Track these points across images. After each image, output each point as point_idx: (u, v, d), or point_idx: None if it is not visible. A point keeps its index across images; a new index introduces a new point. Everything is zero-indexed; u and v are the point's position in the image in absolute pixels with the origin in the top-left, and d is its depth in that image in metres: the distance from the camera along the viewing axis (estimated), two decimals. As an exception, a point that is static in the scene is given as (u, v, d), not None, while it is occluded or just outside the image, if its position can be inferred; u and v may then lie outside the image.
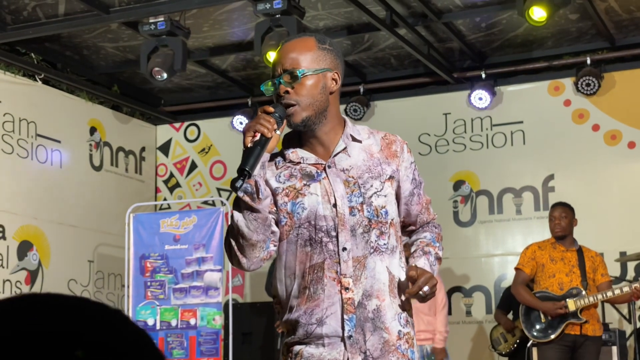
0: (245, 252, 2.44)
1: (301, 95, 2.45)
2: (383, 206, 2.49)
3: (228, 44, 7.95)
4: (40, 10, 7.16)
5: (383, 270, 2.46)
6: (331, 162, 2.50)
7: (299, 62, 2.46)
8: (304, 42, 2.52)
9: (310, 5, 7.01)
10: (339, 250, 2.43)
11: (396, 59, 8.35)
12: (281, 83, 2.46)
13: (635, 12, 7.29)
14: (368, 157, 2.53)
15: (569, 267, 6.20)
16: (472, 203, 8.27)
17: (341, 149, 2.52)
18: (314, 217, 2.46)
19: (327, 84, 2.50)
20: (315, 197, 2.47)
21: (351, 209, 2.46)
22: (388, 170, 2.53)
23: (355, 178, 2.49)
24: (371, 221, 2.47)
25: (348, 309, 2.41)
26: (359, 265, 2.44)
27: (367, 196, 2.48)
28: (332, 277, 2.43)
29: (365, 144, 2.55)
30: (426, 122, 8.49)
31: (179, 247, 7.21)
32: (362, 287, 2.43)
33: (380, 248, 2.47)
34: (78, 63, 8.40)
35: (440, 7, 7.21)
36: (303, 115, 2.45)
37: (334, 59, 2.53)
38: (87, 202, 8.40)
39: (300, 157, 2.52)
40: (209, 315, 7.06)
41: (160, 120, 9.49)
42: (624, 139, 7.77)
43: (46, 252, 7.86)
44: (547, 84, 8.12)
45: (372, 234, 2.46)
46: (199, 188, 9.29)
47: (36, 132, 7.91)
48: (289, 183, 2.50)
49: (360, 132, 2.58)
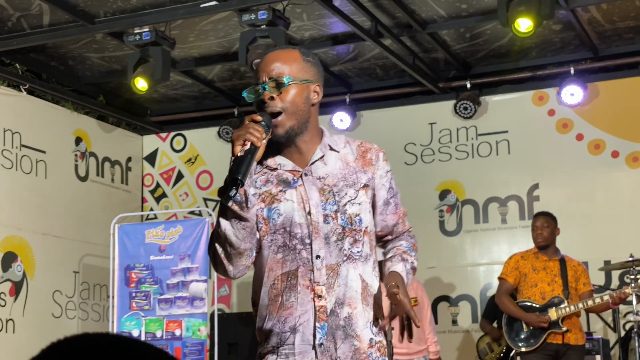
0: (233, 260, 2.44)
1: (286, 102, 2.47)
2: (357, 214, 2.50)
3: (214, 54, 7.96)
4: (25, 21, 7.15)
5: (356, 278, 2.47)
6: (308, 170, 2.52)
7: (284, 71, 2.49)
8: (289, 53, 2.55)
9: (296, 15, 7.03)
10: (312, 258, 2.44)
11: (382, 69, 8.38)
12: (266, 89, 2.48)
13: (618, 22, 7.35)
14: (344, 165, 2.54)
15: (551, 276, 6.24)
16: (457, 212, 8.30)
17: (318, 157, 2.53)
18: (289, 224, 2.46)
19: (310, 95, 2.52)
20: (291, 203, 2.48)
21: (325, 217, 2.47)
22: (363, 179, 2.54)
23: (331, 186, 2.50)
24: (345, 229, 2.48)
25: (320, 317, 2.42)
26: (332, 273, 2.45)
27: (342, 204, 2.48)
28: (305, 285, 2.43)
29: (342, 153, 2.57)
30: (412, 132, 8.51)
31: (164, 257, 7.20)
32: (335, 295, 2.44)
33: (354, 256, 2.48)
34: (63, 73, 8.39)
35: (425, 18, 7.25)
36: (287, 125, 2.47)
37: (316, 72, 2.56)
38: (73, 213, 8.38)
39: (278, 163, 2.53)
40: (194, 326, 7.05)
41: (147, 131, 9.48)
42: (608, 149, 7.82)
43: (31, 263, 7.83)
44: (531, 94, 8.16)
45: (346, 241, 2.47)
46: (185, 198, 9.28)
47: (21, 143, 7.89)
48: (265, 188, 2.51)
49: (337, 141, 2.60)
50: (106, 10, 6.94)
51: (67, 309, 8.19)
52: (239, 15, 6.61)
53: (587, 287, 6.30)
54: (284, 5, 6.69)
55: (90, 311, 8.47)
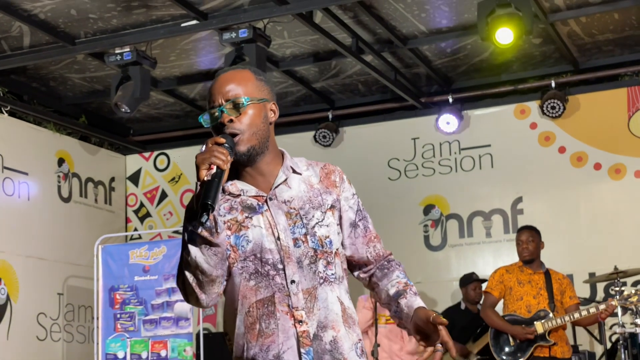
0: (205, 288, 2.38)
1: (245, 123, 2.43)
2: (327, 236, 2.45)
3: (195, 72, 7.96)
4: (5, 43, 7.13)
5: (335, 300, 2.43)
6: (272, 194, 2.46)
7: (240, 92, 2.45)
8: (241, 73, 2.50)
9: (276, 33, 7.04)
10: (287, 283, 2.39)
11: (364, 85, 8.40)
12: (224, 112, 2.43)
13: (597, 35, 7.40)
14: (308, 188, 2.50)
15: (536, 289, 6.24)
16: (442, 227, 8.30)
17: (281, 181, 2.48)
18: (259, 250, 2.41)
19: (268, 114, 2.49)
20: (259, 229, 2.43)
21: (295, 240, 2.42)
22: (329, 200, 2.50)
23: (297, 209, 2.45)
24: (317, 251, 2.43)
25: (304, 342, 2.37)
26: (310, 297, 2.40)
27: (310, 227, 2.44)
28: (284, 311, 2.38)
29: (305, 176, 2.52)
30: (395, 147, 8.52)
31: (148, 277, 7.16)
32: (316, 319, 2.39)
33: (329, 278, 2.44)
34: (45, 94, 8.36)
35: (406, 34, 7.27)
36: (248, 144, 2.43)
37: (270, 90, 2.53)
38: (56, 234, 8.33)
39: (240, 189, 2.47)
40: (179, 347, 7.00)
41: (130, 150, 9.46)
42: (590, 161, 7.85)
43: (14, 286, 7.77)
44: (513, 107, 8.20)
45: (319, 264, 2.43)
46: (169, 217, 9.25)
47: (3, 165, 7.85)
48: (230, 216, 2.44)
49: (299, 164, 2.55)
50: (87, 30, 6.93)
51: (52, 331, 8.13)
52: (219, 34, 6.61)
53: (574, 300, 6.31)
54: (265, 23, 6.70)
55: (75, 333, 8.41)
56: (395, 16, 6.90)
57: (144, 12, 6.62)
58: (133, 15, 6.68)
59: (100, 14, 6.64)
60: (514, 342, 6.24)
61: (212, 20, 6.60)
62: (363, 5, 6.61)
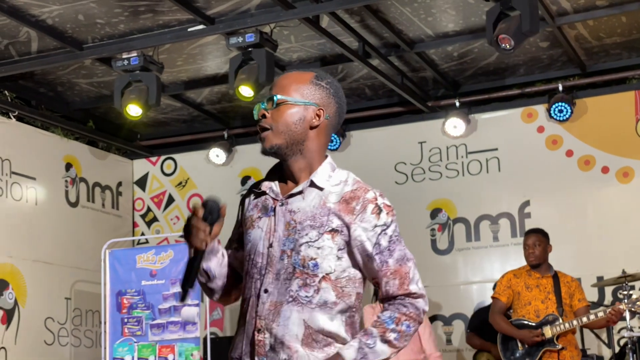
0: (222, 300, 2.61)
1: (275, 121, 2.43)
2: (313, 258, 2.36)
3: (202, 77, 7.97)
4: (13, 48, 7.15)
5: (298, 323, 2.34)
6: (285, 201, 2.46)
7: (283, 90, 2.46)
8: (300, 74, 2.51)
9: (283, 37, 7.05)
10: (260, 290, 2.40)
11: (370, 89, 8.40)
12: (262, 107, 2.47)
13: (605, 38, 7.38)
14: (320, 204, 2.41)
15: (544, 294, 6.21)
16: (449, 231, 8.29)
17: (297, 191, 2.45)
18: (253, 252, 2.46)
19: (307, 117, 2.44)
20: (259, 231, 2.46)
21: (282, 252, 2.40)
22: (334, 223, 2.38)
23: (296, 223, 2.40)
24: (295, 269, 2.37)
25: (259, 351, 2.37)
26: (274, 310, 2.37)
27: (298, 244, 2.38)
28: (252, 316, 2.41)
29: (326, 192, 2.43)
30: (402, 151, 8.52)
31: (155, 282, 7.17)
32: (274, 333, 2.36)
33: (301, 299, 2.35)
34: (52, 99, 8.38)
35: (412, 37, 7.27)
36: (273, 141, 2.43)
37: (325, 96, 2.47)
38: (64, 239, 8.34)
39: (269, 187, 2.51)
40: (187, 351, 7.00)
41: (137, 155, 9.47)
42: (598, 164, 7.83)
43: (22, 291, 7.78)
44: (520, 111, 8.18)
45: (294, 283, 2.36)
46: (176, 222, 9.26)
47: (11, 170, 7.87)
48: (251, 213, 2.52)
49: (333, 178, 2.46)
50: (94, 36, 6.95)
51: (59, 335, 8.14)
52: (226, 39, 6.62)
53: (583, 302, 6.27)
54: (271, 27, 6.71)
55: (83, 337, 8.42)
56: (402, 20, 6.90)
57: (150, 17, 6.63)
58: (140, 20, 6.69)
59: (108, 19, 6.66)
60: (522, 347, 6.21)
61: (218, 24, 6.61)
62: (370, 9, 6.61)
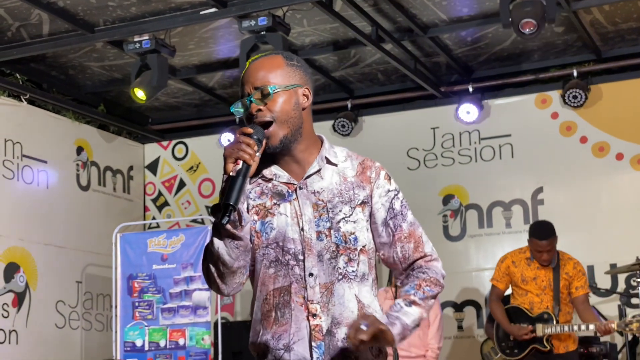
0: (226, 279, 2.38)
1: (275, 111, 2.38)
2: (352, 232, 2.39)
3: (214, 61, 7.93)
4: (25, 31, 7.13)
5: (352, 298, 2.37)
6: (303, 184, 2.42)
7: (268, 79, 2.40)
8: (271, 60, 2.45)
9: (296, 21, 7.00)
10: (305, 275, 2.36)
11: (383, 74, 8.34)
12: (252, 102, 2.40)
13: (621, 24, 7.30)
14: (341, 180, 2.44)
15: (540, 288, 6.13)
16: (461, 217, 8.25)
17: (315, 171, 2.43)
18: (282, 239, 2.38)
19: (299, 100, 2.43)
20: (284, 217, 2.39)
21: (318, 233, 2.37)
22: (361, 196, 2.43)
23: (325, 202, 2.39)
24: (339, 247, 2.37)
25: (316, 336, 2.34)
26: (326, 292, 2.36)
27: (335, 221, 2.38)
28: (299, 302, 2.36)
29: (340, 167, 2.46)
30: (414, 137, 8.47)
31: (166, 266, 7.16)
32: (331, 315, 2.35)
33: (349, 275, 2.38)
34: (64, 83, 8.36)
35: (426, 22, 7.21)
36: (280, 134, 2.38)
37: (302, 75, 2.47)
38: (75, 223, 8.34)
39: (274, 173, 2.45)
40: (197, 335, 7.00)
41: (148, 139, 9.45)
42: (612, 151, 7.76)
43: (33, 274, 7.79)
44: (534, 97, 8.11)
45: (340, 260, 2.37)
46: (187, 206, 9.25)
47: (22, 153, 7.86)
48: (260, 201, 2.43)
49: (338, 154, 2.50)
50: (106, 18, 6.92)
51: (70, 319, 8.15)
52: (238, 22, 6.58)
53: (580, 290, 6.10)
54: (284, 11, 6.66)
55: (94, 321, 8.43)
56: (416, 4, 6.84)
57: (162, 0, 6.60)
58: (152, 3, 6.65)
59: (119, 2, 6.62)
60: (513, 337, 6.21)
61: (231, 7, 6.56)
62: (383, -7, 6.56)
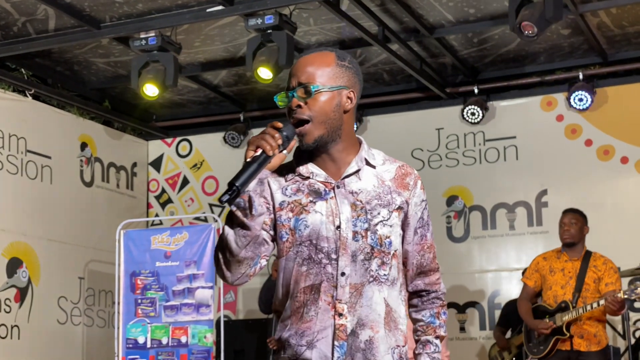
0: (231, 268, 2.37)
1: (314, 110, 2.36)
2: (388, 236, 2.40)
3: (220, 59, 7.92)
4: (31, 26, 7.12)
5: (380, 301, 2.37)
6: (341, 183, 2.41)
7: (314, 77, 2.38)
8: (322, 57, 2.42)
9: (302, 20, 6.99)
10: (337, 274, 2.35)
11: (389, 74, 8.33)
12: (294, 97, 2.38)
13: (627, 27, 7.29)
14: (379, 183, 2.43)
15: (566, 279, 6.09)
16: (465, 218, 8.24)
17: (353, 171, 2.42)
18: (315, 237, 2.37)
19: (342, 102, 2.41)
20: (319, 215, 2.38)
21: (355, 233, 2.37)
22: (398, 201, 2.43)
23: (364, 203, 2.39)
24: (374, 249, 2.37)
25: (340, 336, 2.33)
26: (355, 293, 2.35)
27: (373, 223, 2.38)
28: (327, 301, 2.35)
29: (379, 170, 2.46)
30: (419, 137, 8.46)
31: (169, 263, 7.15)
32: (357, 316, 2.34)
33: (380, 278, 2.38)
34: (69, 78, 8.36)
35: (433, 23, 7.20)
36: (315, 134, 2.37)
37: (352, 76, 2.44)
38: (78, 218, 8.34)
39: (311, 171, 2.43)
40: (200, 333, 7.00)
41: (152, 136, 9.45)
42: (617, 154, 7.75)
43: (36, 269, 7.79)
44: (539, 99, 8.10)
45: (373, 262, 2.37)
46: (190, 204, 9.25)
47: (26, 148, 7.86)
48: (295, 197, 2.41)
49: (376, 156, 2.49)
50: (112, 15, 6.91)
51: (72, 315, 8.15)
52: (245, 20, 6.57)
53: (610, 287, 5.99)
54: (291, 9, 6.65)
55: (96, 317, 8.43)
56: (423, 5, 6.83)
57: (169, -4, 6.59)
58: (159, 0, 6.64)
59: (126, -2, 6.62)
60: (538, 334, 6.17)
61: (237, 5, 6.55)
62: (390, -7, 6.55)
